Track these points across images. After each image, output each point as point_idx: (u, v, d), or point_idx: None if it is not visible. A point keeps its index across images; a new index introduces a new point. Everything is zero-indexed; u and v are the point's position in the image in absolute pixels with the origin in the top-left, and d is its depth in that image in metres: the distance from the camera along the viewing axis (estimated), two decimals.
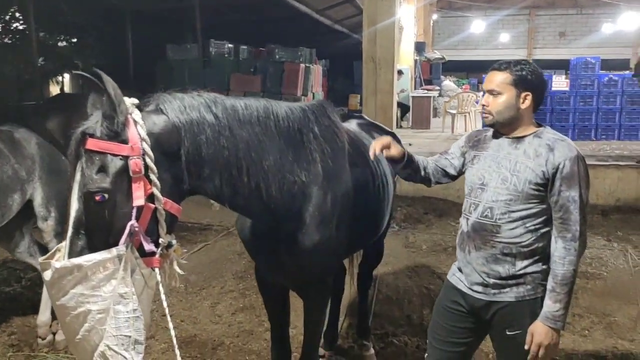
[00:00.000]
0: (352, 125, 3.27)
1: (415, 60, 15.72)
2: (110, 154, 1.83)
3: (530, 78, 2.16)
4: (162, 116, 1.98)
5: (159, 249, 1.92)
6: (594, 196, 7.58)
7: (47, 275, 1.81)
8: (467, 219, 2.29)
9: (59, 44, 15.21)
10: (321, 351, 3.72)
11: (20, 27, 13.30)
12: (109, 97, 1.82)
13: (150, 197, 1.88)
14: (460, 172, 2.45)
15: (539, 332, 2.13)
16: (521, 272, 2.19)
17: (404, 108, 12.60)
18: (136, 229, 1.84)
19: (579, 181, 2.09)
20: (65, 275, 1.78)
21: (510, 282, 2.20)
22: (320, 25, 16.18)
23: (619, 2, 22.04)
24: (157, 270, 1.92)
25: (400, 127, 12.12)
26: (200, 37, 12.42)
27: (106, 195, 1.81)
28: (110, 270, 1.80)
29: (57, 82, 15.60)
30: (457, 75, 23.78)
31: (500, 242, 2.19)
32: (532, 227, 2.17)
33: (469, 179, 2.32)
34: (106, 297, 1.81)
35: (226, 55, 13.08)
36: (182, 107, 2.01)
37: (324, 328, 3.28)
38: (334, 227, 2.45)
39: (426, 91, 13.37)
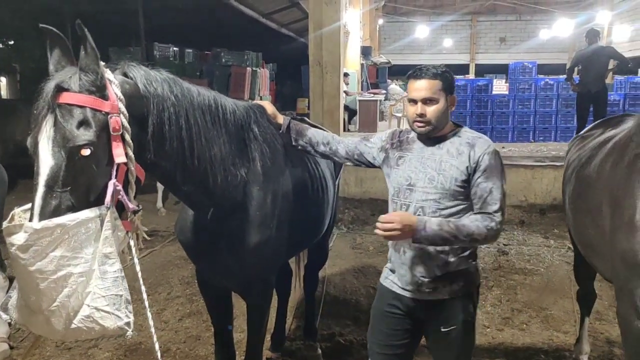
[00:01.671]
0: None
1: (362, 64, 15.93)
2: (91, 108, 1.79)
3: (451, 80, 2.26)
4: (131, 82, 1.97)
5: (130, 212, 1.89)
6: (532, 195, 7.90)
7: (19, 238, 1.68)
8: None
9: None
10: (268, 353, 3.73)
11: None
12: (93, 50, 1.79)
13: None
14: (373, 165, 2.47)
15: (405, 216, 2.06)
16: (454, 269, 2.24)
17: (351, 111, 12.74)
18: (117, 187, 1.81)
19: (497, 173, 2.17)
20: (44, 237, 1.68)
21: (444, 279, 2.24)
22: (267, 29, 16.15)
23: (554, 10, 23.05)
24: (128, 234, 1.89)
25: (348, 130, 12.24)
26: (143, 39, 12.16)
27: (92, 149, 1.76)
28: (91, 230, 1.74)
29: None
30: (403, 79, 24.17)
31: None
32: None
33: (394, 180, 2.33)
34: (88, 259, 1.74)
35: (171, 59, 12.88)
36: (148, 78, 2.02)
37: (267, 328, 3.30)
38: (274, 227, 2.49)
39: (373, 95, 13.56)
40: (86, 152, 1.75)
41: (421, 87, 2.21)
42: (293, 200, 2.61)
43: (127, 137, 1.86)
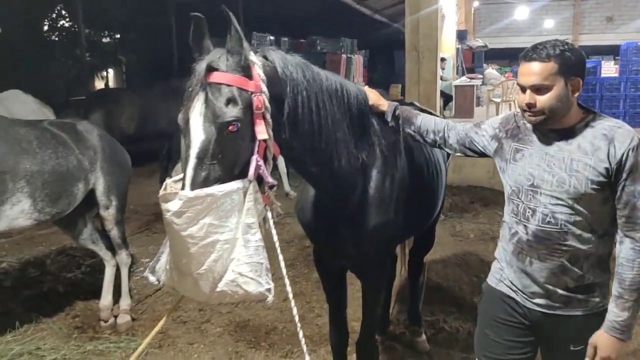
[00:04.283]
0: None
1: (457, 49, 15.50)
2: (238, 87, 1.89)
3: (574, 60, 1.88)
4: (270, 64, 2.06)
5: (267, 187, 1.98)
6: None
7: (173, 205, 1.81)
8: (526, 226, 2.01)
9: (104, 40, 15.62)
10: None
11: (67, 25, 13.72)
12: (237, 33, 1.90)
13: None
14: (485, 155, 2.23)
15: (604, 344, 1.90)
16: (590, 282, 1.98)
17: (446, 97, 12.46)
18: (259, 163, 1.91)
19: None
20: (196, 205, 1.79)
21: (577, 294, 1.99)
22: (361, 14, 16.09)
23: None
24: (266, 207, 1.98)
25: (443, 116, 12.00)
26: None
27: (238, 125, 1.87)
28: (235, 201, 1.84)
29: (102, 78, 16.03)
30: (499, 63, 23.34)
31: (567, 250, 1.95)
32: (601, 231, 1.94)
33: (512, 177, 2.05)
34: (232, 228, 1.85)
35: None
36: (285, 61, 2.10)
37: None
38: (392, 210, 2.50)
39: (469, 80, 13.19)
40: (234, 128, 1.86)
41: (529, 71, 1.89)
42: (409, 184, 2.60)
43: (267, 116, 1.95)
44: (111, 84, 17.83)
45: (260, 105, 1.91)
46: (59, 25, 13.76)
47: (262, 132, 1.92)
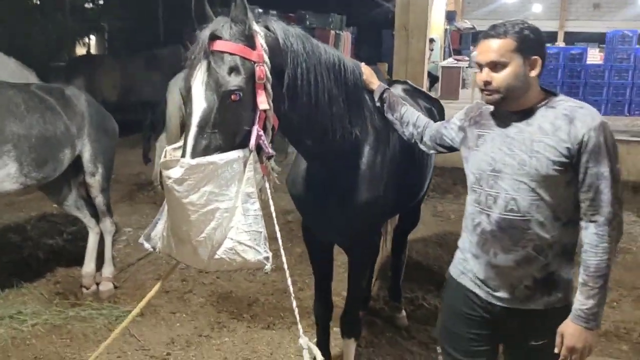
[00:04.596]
0: (397, 90, 3.30)
1: (445, 30, 15.47)
2: (241, 56, 1.89)
3: (533, 38, 1.85)
4: (272, 34, 2.05)
5: (265, 157, 1.99)
6: (625, 172, 7.52)
7: (175, 172, 1.82)
8: (489, 215, 1.94)
9: (86, 5, 15.27)
10: None
11: None
12: (242, 2, 1.88)
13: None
14: (454, 149, 2.19)
15: (570, 332, 1.85)
16: (554, 272, 1.92)
17: (432, 78, 12.48)
18: (260, 133, 1.91)
19: (607, 154, 1.79)
20: (197, 172, 1.81)
21: (541, 287, 1.92)
22: None
23: None
24: (264, 177, 2.00)
25: None
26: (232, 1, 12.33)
27: (241, 94, 1.87)
28: (235, 170, 1.86)
29: (84, 44, 15.71)
30: None
31: (531, 239, 1.88)
32: (565, 219, 1.88)
33: (474, 165, 1.99)
34: (232, 197, 1.87)
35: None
36: (286, 32, 2.09)
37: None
38: (382, 186, 2.53)
39: (456, 61, 13.21)
40: (236, 97, 1.86)
41: (486, 48, 1.86)
42: (399, 161, 2.63)
43: (269, 86, 1.95)
44: (93, 51, 17.48)
45: (263, 76, 1.92)
46: None
47: (263, 102, 1.92)
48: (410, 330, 3.82)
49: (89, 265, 4.21)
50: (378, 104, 2.50)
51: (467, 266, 2.06)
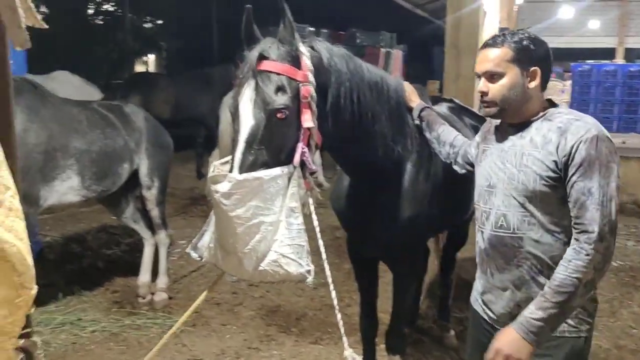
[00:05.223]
0: (442, 108, 3.31)
1: None
2: (287, 76, 1.96)
3: (534, 49, 1.78)
4: (317, 54, 2.12)
5: (308, 173, 2.05)
6: None
7: (223, 187, 1.89)
8: (482, 232, 1.90)
9: (145, 25, 15.93)
10: None
11: (111, 9, 14.04)
12: (290, 23, 1.97)
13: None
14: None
15: (503, 335, 1.72)
16: None
17: None
18: (304, 150, 1.98)
19: (598, 168, 1.65)
20: (244, 187, 1.87)
21: None
22: (401, 8, 15.99)
23: None
24: (307, 192, 2.04)
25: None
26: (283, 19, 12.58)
27: (287, 113, 1.94)
28: (280, 186, 1.92)
29: (143, 62, 16.36)
30: None
31: (526, 258, 1.78)
32: (566, 238, 1.74)
33: (476, 181, 1.96)
34: (276, 211, 1.93)
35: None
36: (330, 52, 2.16)
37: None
38: (425, 202, 2.55)
39: None
40: (282, 115, 1.93)
41: (483, 58, 1.81)
42: (444, 178, 2.64)
43: (313, 105, 2.01)
44: (151, 69, 18.18)
45: (307, 95, 1.98)
46: (103, 9, 14.09)
47: (307, 120, 1.98)
48: (459, 351, 3.77)
49: (145, 275, 4.36)
50: (417, 122, 2.52)
51: (477, 290, 2.02)
